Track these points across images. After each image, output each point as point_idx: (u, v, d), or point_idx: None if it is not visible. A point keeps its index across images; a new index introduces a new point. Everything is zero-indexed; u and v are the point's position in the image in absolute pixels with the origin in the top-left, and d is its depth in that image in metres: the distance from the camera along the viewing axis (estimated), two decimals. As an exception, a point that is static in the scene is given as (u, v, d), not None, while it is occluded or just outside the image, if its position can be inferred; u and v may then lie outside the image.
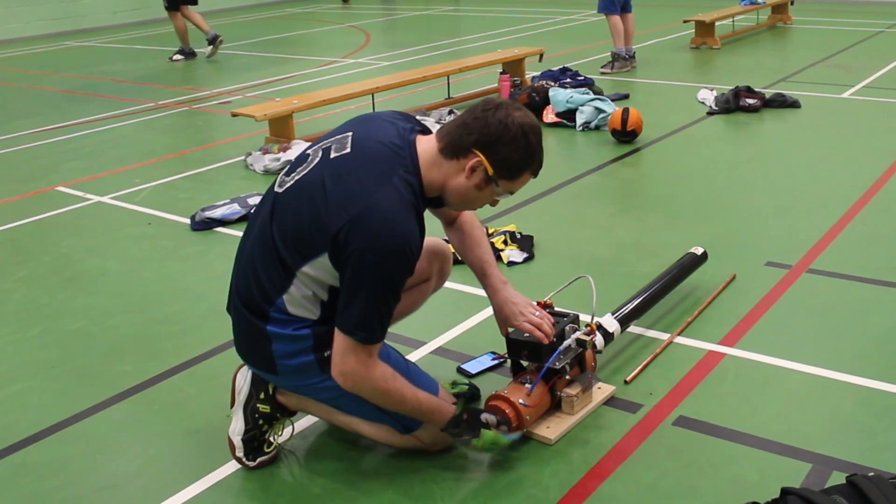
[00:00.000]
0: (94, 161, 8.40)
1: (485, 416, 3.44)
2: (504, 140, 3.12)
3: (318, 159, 3.23)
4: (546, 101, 9.07)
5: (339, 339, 3.14)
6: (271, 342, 3.31)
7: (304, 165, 3.27)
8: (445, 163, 3.19)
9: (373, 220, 2.99)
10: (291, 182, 3.26)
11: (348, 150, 3.19)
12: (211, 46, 13.81)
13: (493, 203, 3.32)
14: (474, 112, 3.18)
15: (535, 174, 3.27)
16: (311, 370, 3.33)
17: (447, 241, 3.92)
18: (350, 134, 3.26)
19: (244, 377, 3.56)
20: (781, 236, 5.68)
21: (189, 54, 13.98)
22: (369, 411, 3.38)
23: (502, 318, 3.65)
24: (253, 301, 3.31)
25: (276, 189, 3.33)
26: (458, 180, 3.20)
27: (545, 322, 3.59)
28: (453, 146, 3.17)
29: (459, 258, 3.86)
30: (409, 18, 19.16)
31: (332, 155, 3.20)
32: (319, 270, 3.15)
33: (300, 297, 3.23)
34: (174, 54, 13.99)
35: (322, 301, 3.25)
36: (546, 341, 3.56)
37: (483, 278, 3.69)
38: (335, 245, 3.04)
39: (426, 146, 3.22)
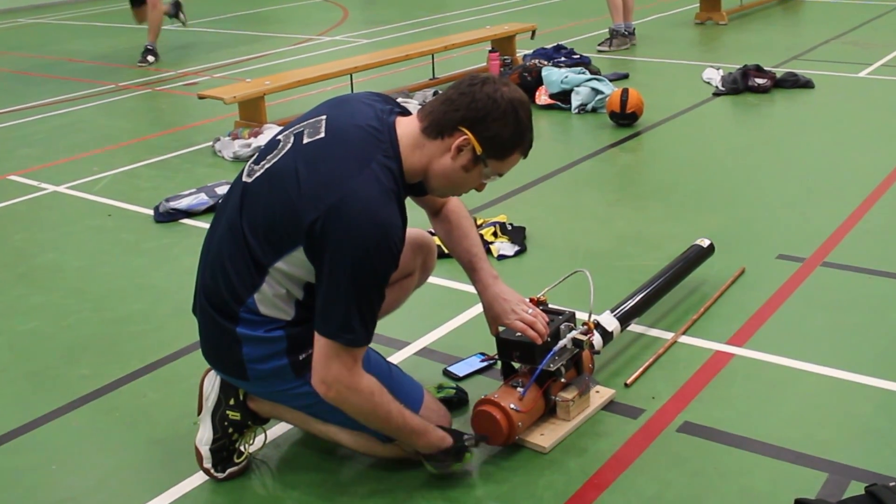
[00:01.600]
0: (49, 148, 8.37)
1: (466, 439, 3.44)
2: (493, 116, 3.11)
3: (289, 145, 3.21)
4: (539, 82, 9.05)
5: (320, 345, 3.12)
6: (241, 345, 3.28)
7: (274, 152, 3.25)
8: (429, 143, 3.17)
9: (351, 210, 2.98)
10: (261, 171, 3.24)
11: (322, 134, 3.17)
12: (178, 14, 13.42)
13: (480, 188, 3.31)
14: (459, 88, 3.17)
15: (524, 154, 3.27)
16: (285, 375, 3.31)
17: (432, 234, 3.91)
18: (324, 117, 3.24)
19: (212, 382, 3.54)
20: (794, 227, 5.69)
21: (156, 54, 12.63)
22: (348, 419, 3.35)
23: (492, 315, 3.64)
24: (221, 301, 3.29)
25: (245, 178, 3.31)
26: (443, 162, 3.18)
27: (538, 320, 3.58)
28: (437, 124, 3.16)
29: (446, 251, 3.84)
30: (390, -8, 19.15)
31: (305, 140, 3.18)
32: (294, 266, 3.13)
33: (273, 296, 3.21)
34: (145, 55, 12.39)
35: (297, 300, 3.23)
36: (539, 341, 3.55)
37: (472, 273, 3.68)
38: (310, 237, 3.02)
39: (407, 128, 3.20)
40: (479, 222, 5.68)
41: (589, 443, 3.65)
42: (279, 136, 3.31)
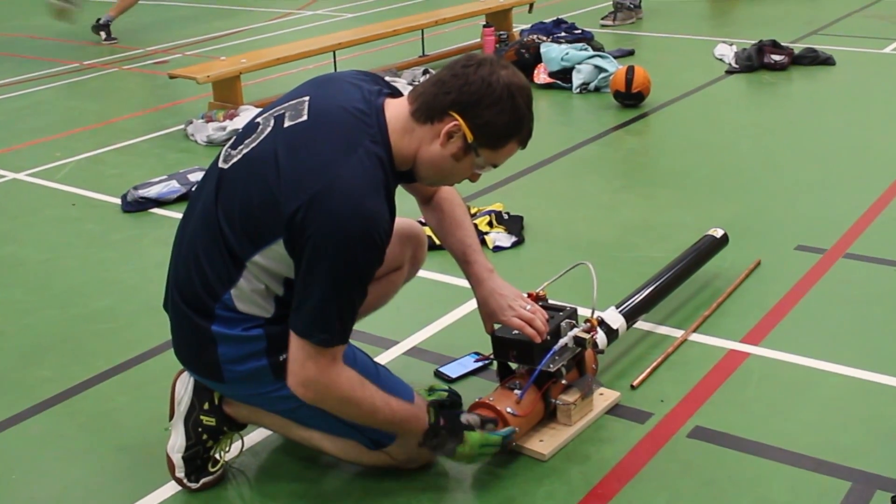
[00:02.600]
0: (7, 132, 8.36)
1: (465, 418, 3.42)
2: (487, 101, 3.09)
3: (269, 129, 3.20)
4: (537, 59, 9.05)
5: (295, 344, 3.11)
6: (217, 345, 3.27)
7: (252, 137, 3.23)
8: (418, 128, 3.16)
9: (334, 199, 2.96)
10: (238, 157, 3.23)
11: (305, 117, 3.16)
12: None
13: (474, 178, 3.29)
14: (453, 69, 3.15)
15: (523, 144, 3.25)
16: (264, 377, 3.30)
17: (422, 224, 3.89)
18: (306, 98, 3.23)
19: (185, 384, 3.53)
20: (814, 216, 5.69)
21: (108, 32, 12.36)
22: (332, 424, 3.35)
23: (487, 312, 3.63)
24: (195, 297, 3.28)
25: (221, 164, 3.29)
26: (432, 148, 3.17)
27: (537, 317, 3.57)
28: (427, 108, 3.14)
29: (437, 242, 3.84)
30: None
31: (287, 124, 3.17)
32: (273, 260, 3.12)
33: (251, 292, 3.21)
34: (98, 29, 12.24)
35: (276, 296, 3.22)
36: (538, 340, 3.54)
37: (465, 266, 3.67)
38: (291, 229, 3.01)
39: (396, 110, 3.19)
40: (473, 211, 5.67)
41: (592, 450, 3.65)
42: (258, 119, 3.29)
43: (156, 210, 6.27)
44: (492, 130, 3.14)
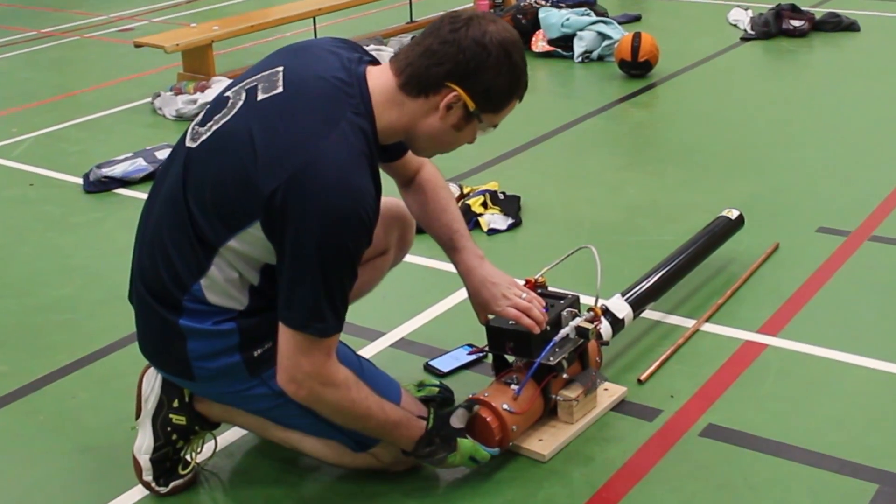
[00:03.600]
0: (-42, 105, 8.35)
1: (455, 420, 3.41)
2: (485, 66, 3.09)
3: (241, 103, 3.19)
4: (535, 25, 9.04)
5: (286, 338, 3.10)
6: (186, 340, 3.26)
7: (223, 112, 3.22)
8: (409, 102, 3.15)
9: (317, 177, 2.95)
10: (208, 134, 3.21)
11: (280, 89, 3.14)
12: None
13: (472, 141, 3.31)
14: (440, 34, 3.13)
15: (521, 98, 3.26)
16: (238, 374, 3.29)
17: None
18: (281, 69, 3.21)
19: (152, 380, 3.52)
20: (836, 195, 5.69)
21: None
22: (313, 424, 3.35)
23: (480, 303, 3.63)
24: (161, 288, 3.26)
25: (189, 143, 3.28)
26: (430, 122, 3.17)
27: (534, 305, 3.56)
28: (419, 81, 3.13)
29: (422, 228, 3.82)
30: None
31: (260, 96, 3.16)
32: (249, 245, 3.11)
33: (223, 282, 3.19)
34: None
35: (251, 286, 3.21)
36: (536, 330, 3.54)
37: (453, 253, 3.66)
38: (269, 211, 3.00)
39: (380, 81, 3.17)
40: (466, 191, 5.67)
41: (596, 450, 3.65)
42: (227, 93, 3.27)
43: (121, 190, 6.26)
44: (493, 95, 3.15)
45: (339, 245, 3.00)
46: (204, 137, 3.22)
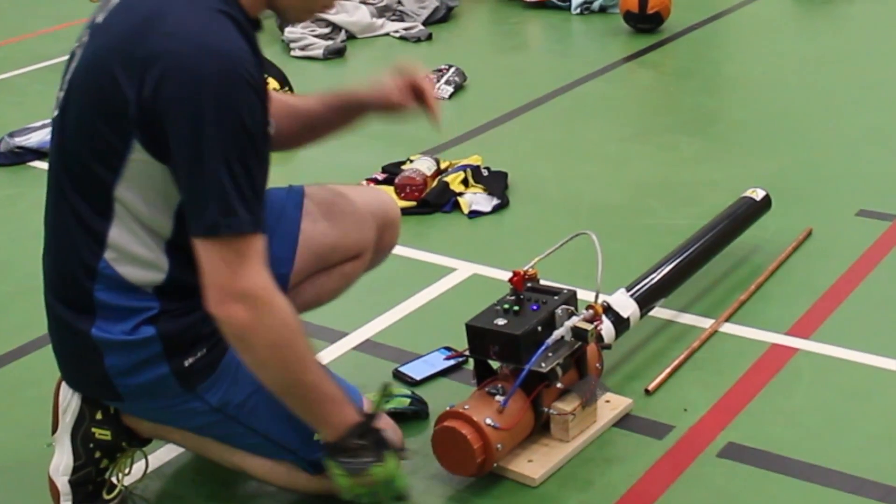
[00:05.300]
0: None
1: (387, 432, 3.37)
2: None
3: (86, 40, 3.24)
4: (528, -29, 9.06)
5: (205, 256, 3.04)
6: (102, 356, 3.25)
7: (72, 64, 3.28)
8: None
9: (176, 48, 2.97)
10: (63, 90, 3.27)
11: (115, 1, 3.20)
12: None
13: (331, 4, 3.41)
14: None
15: None
16: (168, 387, 3.27)
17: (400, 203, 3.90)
18: None
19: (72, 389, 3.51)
20: (880, 172, 5.71)
21: None
22: (259, 443, 3.35)
23: (382, 105, 3.71)
24: (70, 284, 3.26)
25: (54, 114, 3.32)
26: None
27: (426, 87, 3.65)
28: None
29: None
30: None
31: (99, 18, 3.21)
32: (141, 179, 3.10)
33: (133, 245, 3.16)
34: None
35: (167, 241, 3.19)
36: (408, 105, 3.63)
37: (338, 105, 3.77)
38: (141, 116, 3.00)
39: None
40: (443, 165, 5.66)
41: (596, 472, 3.65)
42: (73, 48, 3.33)
43: (37, 163, 6.29)
44: None
45: (230, 119, 2.98)
46: (61, 96, 3.26)
